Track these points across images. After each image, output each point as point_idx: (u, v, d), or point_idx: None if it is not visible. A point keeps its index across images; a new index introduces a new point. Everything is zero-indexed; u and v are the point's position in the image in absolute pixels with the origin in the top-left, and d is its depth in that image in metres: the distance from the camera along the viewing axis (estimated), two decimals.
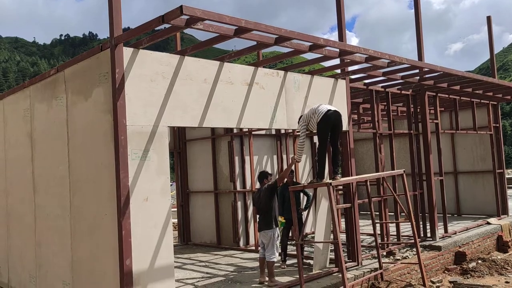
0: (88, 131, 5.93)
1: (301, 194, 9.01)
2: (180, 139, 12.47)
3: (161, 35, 5.43)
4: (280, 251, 7.30)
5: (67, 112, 6.35)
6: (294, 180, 9.02)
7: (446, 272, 9.53)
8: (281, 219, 8.13)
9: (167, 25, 5.09)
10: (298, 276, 7.09)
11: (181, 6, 4.59)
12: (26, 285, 7.54)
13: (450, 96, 11.60)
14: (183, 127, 11.80)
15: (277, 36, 5.91)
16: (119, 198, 5.24)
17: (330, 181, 6.84)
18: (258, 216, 7.66)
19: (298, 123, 7.14)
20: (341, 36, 8.25)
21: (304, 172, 12.68)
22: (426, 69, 8.63)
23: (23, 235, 7.71)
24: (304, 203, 9.13)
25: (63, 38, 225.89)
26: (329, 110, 6.80)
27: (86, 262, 5.99)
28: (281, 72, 7.34)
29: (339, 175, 7.16)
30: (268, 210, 7.38)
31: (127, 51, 5.40)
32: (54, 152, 6.70)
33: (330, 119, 6.78)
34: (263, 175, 7.74)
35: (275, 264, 7.49)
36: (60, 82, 6.49)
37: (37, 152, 7.25)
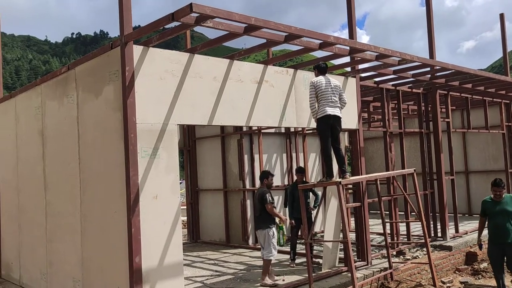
0: (99, 128, 5.96)
1: (310, 193, 8.98)
2: (189, 137, 12.50)
3: (171, 33, 5.43)
4: (273, 249, 7.30)
5: (77, 109, 6.39)
6: (304, 179, 8.99)
7: (457, 272, 9.44)
8: (278, 221, 8.17)
9: (177, 23, 5.09)
10: (307, 275, 7.07)
11: (190, 4, 4.59)
12: (37, 282, 7.61)
13: (462, 94, 11.47)
14: (193, 125, 11.83)
15: (287, 34, 5.89)
16: (128, 195, 5.26)
17: (340, 179, 6.80)
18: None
19: (310, 85, 6.97)
20: (352, 34, 8.19)
21: (313, 171, 12.64)
22: (437, 67, 8.54)
23: (34, 232, 7.78)
24: (313, 202, 9.09)
25: (74, 36, 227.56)
26: (329, 115, 6.75)
27: (96, 259, 6.03)
28: (291, 70, 7.31)
29: (348, 173, 7.13)
30: (262, 211, 7.45)
31: (137, 49, 5.41)
32: (65, 150, 6.74)
33: (328, 122, 6.78)
34: (263, 175, 7.77)
35: (284, 263, 7.48)
36: (71, 80, 6.53)
37: (48, 150, 7.30)
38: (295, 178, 9.89)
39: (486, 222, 7.16)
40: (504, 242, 6.74)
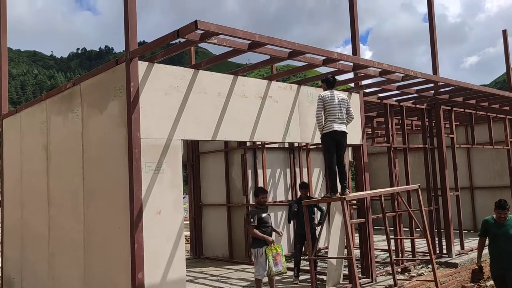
0: (103, 144, 5.98)
1: (315, 209, 8.93)
2: (193, 152, 12.50)
3: (175, 49, 5.48)
4: (261, 269, 7.07)
5: (82, 125, 6.42)
6: (308, 195, 8.95)
7: None
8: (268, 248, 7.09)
9: (182, 39, 5.13)
10: None
11: (196, 21, 4.63)
12: None
13: (466, 110, 11.47)
14: (196, 139, 11.85)
15: (291, 50, 5.93)
16: (132, 211, 5.24)
17: (344, 196, 6.77)
18: None
19: (318, 98, 6.89)
20: (355, 50, 8.24)
21: (317, 187, 12.59)
22: (441, 83, 8.56)
23: (37, 246, 7.75)
24: (318, 218, 9.05)
25: (79, 51, 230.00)
26: (336, 131, 6.73)
27: (98, 275, 5.99)
28: (295, 86, 7.34)
29: (347, 189, 7.09)
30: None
31: (142, 65, 5.46)
32: (69, 165, 6.75)
33: (334, 138, 6.75)
34: (254, 193, 7.74)
35: (287, 279, 7.40)
36: (76, 96, 6.58)
37: (52, 165, 7.32)
38: (299, 193, 9.85)
39: (487, 242, 6.77)
40: (506, 268, 6.34)
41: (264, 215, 7.23)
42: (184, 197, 6.35)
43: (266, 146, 11.05)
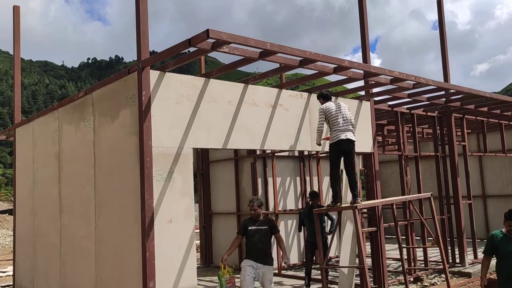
0: (114, 152, 6.01)
1: (325, 217, 8.88)
2: (203, 160, 12.52)
3: (187, 58, 5.51)
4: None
5: (94, 133, 6.46)
6: (319, 203, 8.90)
7: None
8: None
9: (193, 48, 5.16)
10: None
11: (207, 30, 4.66)
12: None
13: (478, 117, 11.36)
14: (207, 148, 11.86)
15: (302, 58, 5.93)
16: (143, 219, 5.25)
17: (356, 204, 6.72)
18: None
19: (319, 111, 6.99)
20: (365, 58, 8.22)
21: (327, 195, 12.52)
22: (452, 91, 8.50)
23: (48, 255, 7.78)
24: (329, 227, 8.99)
25: (90, 61, 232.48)
26: (342, 139, 6.74)
27: (110, 283, 5.99)
28: (305, 94, 7.34)
29: (359, 198, 7.06)
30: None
31: (153, 74, 5.49)
32: (80, 173, 6.79)
33: (342, 147, 6.78)
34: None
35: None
36: (88, 104, 6.63)
37: (64, 173, 7.37)
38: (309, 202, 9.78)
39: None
40: None
41: (252, 227, 6.35)
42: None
43: (276, 154, 11.03)
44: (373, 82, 7.59)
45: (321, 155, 11.90)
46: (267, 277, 6.32)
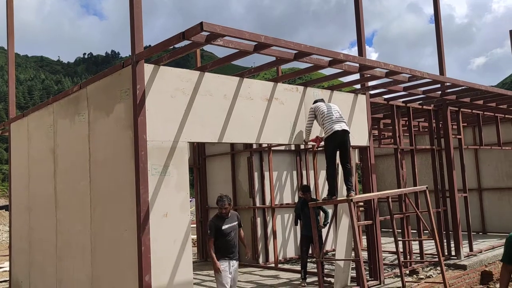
0: (109, 146, 5.99)
1: (319, 211, 8.89)
2: (199, 155, 12.51)
3: (181, 52, 5.49)
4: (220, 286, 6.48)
5: (89, 128, 6.44)
6: (313, 197, 8.91)
7: None
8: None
9: (187, 42, 5.13)
10: None
11: (201, 23, 4.63)
12: None
13: (473, 111, 11.38)
14: (203, 142, 11.84)
15: (297, 51, 5.91)
16: (138, 213, 5.24)
17: (351, 197, 6.74)
18: None
19: (310, 110, 7.14)
20: (361, 51, 8.21)
21: (324, 189, 12.54)
22: (448, 84, 8.49)
23: (44, 250, 7.77)
24: (323, 220, 9.02)
25: (86, 56, 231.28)
26: (337, 131, 6.78)
27: (105, 278, 5.99)
28: (301, 88, 7.32)
29: (352, 191, 7.08)
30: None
31: (148, 68, 5.47)
32: (76, 168, 6.77)
33: (336, 139, 6.82)
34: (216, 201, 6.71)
35: (294, 282, 7.35)
36: (83, 99, 6.60)
37: (59, 168, 7.35)
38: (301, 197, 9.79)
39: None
40: None
41: (225, 226, 6.36)
42: (190, 201, 6.31)
43: (272, 148, 11.03)
44: (368, 75, 7.58)
45: (317, 149, 11.90)
46: (237, 269, 6.78)
